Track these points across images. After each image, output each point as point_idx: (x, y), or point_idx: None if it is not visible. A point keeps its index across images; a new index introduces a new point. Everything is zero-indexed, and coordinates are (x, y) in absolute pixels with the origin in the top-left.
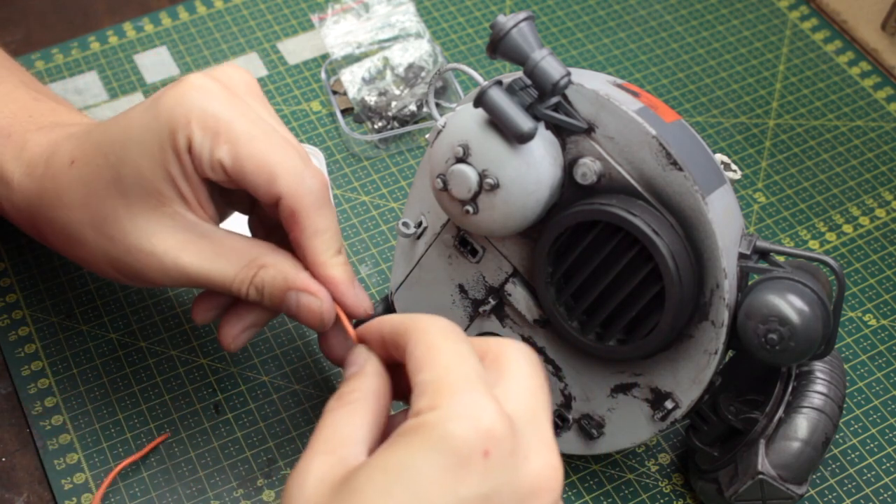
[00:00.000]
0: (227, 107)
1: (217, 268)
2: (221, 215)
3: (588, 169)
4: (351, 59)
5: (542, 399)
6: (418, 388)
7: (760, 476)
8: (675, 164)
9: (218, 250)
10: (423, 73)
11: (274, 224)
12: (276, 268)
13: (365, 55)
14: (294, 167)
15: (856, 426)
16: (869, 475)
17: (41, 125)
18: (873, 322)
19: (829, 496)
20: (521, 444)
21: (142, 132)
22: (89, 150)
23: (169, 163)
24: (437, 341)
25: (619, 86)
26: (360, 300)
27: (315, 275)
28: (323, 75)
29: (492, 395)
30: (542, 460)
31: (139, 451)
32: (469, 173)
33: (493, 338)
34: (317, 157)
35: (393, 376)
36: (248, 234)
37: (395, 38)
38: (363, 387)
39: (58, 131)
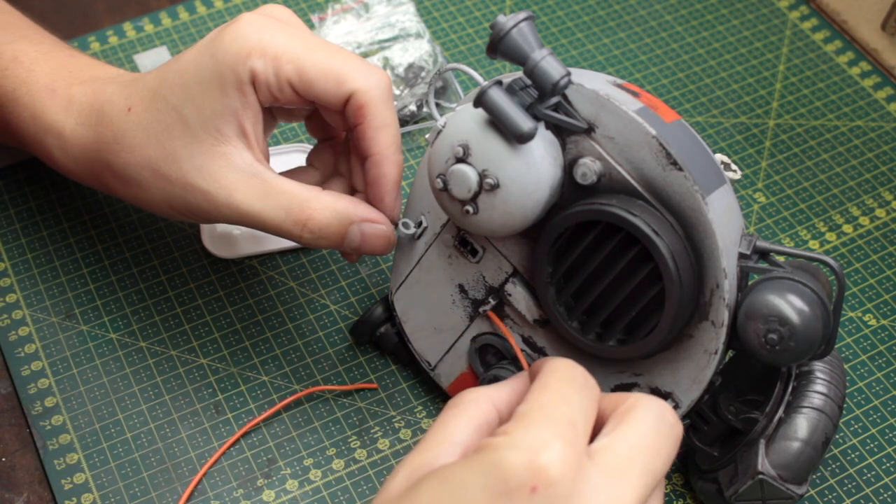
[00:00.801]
0: (282, 33)
1: (268, 208)
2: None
3: (588, 169)
4: None
5: (645, 461)
6: (512, 418)
7: (760, 476)
8: (675, 164)
9: (270, 191)
10: (423, 73)
11: (328, 136)
12: (331, 208)
13: (365, 55)
14: (359, 65)
15: (856, 426)
16: (869, 475)
17: (82, 79)
18: (873, 322)
19: (829, 496)
20: (583, 494)
21: (201, 73)
22: (146, 96)
23: (231, 98)
24: (552, 382)
25: (619, 86)
26: (393, 205)
27: (376, 169)
28: None
29: (569, 440)
30: None
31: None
32: (469, 173)
33: (636, 393)
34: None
35: None
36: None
37: (395, 38)
38: (482, 392)
39: (100, 83)
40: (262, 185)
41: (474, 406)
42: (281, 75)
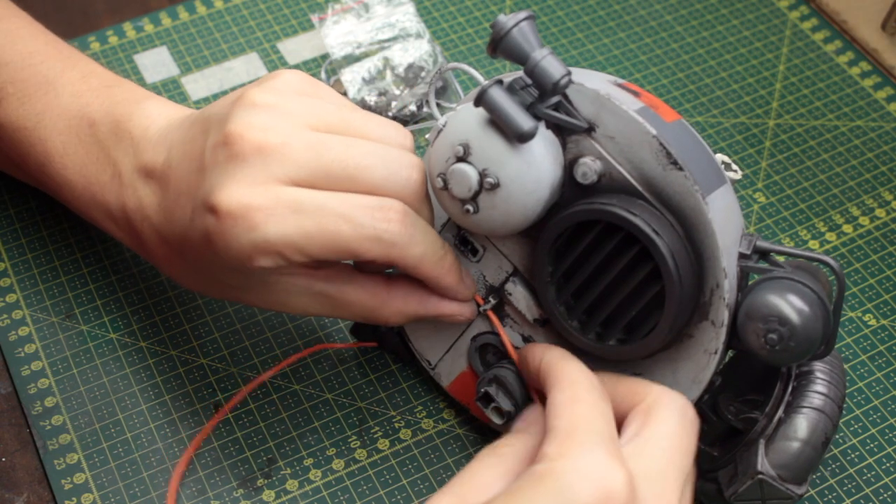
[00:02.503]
0: (273, 223)
1: (345, 314)
2: None
3: (588, 168)
4: (351, 60)
5: (678, 462)
6: (552, 434)
7: (760, 476)
8: (675, 163)
9: (340, 304)
10: (423, 73)
11: None
12: (400, 316)
13: (365, 55)
14: (364, 236)
15: (856, 426)
16: (869, 475)
17: (109, 173)
18: (873, 322)
19: (829, 496)
20: None
21: (212, 260)
22: (171, 246)
23: (252, 273)
24: (580, 393)
25: (620, 85)
26: (467, 289)
27: (435, 286)
28: (323, 75)
29: (620, 457)
30: None
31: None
32: (469, 172)
33: (654, 385)
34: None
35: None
36: None
37: (395, 38)
38: (518, 444)
39: (121, 190)
40: (329, 301)
41: (511, 459)
42: (294, 263)
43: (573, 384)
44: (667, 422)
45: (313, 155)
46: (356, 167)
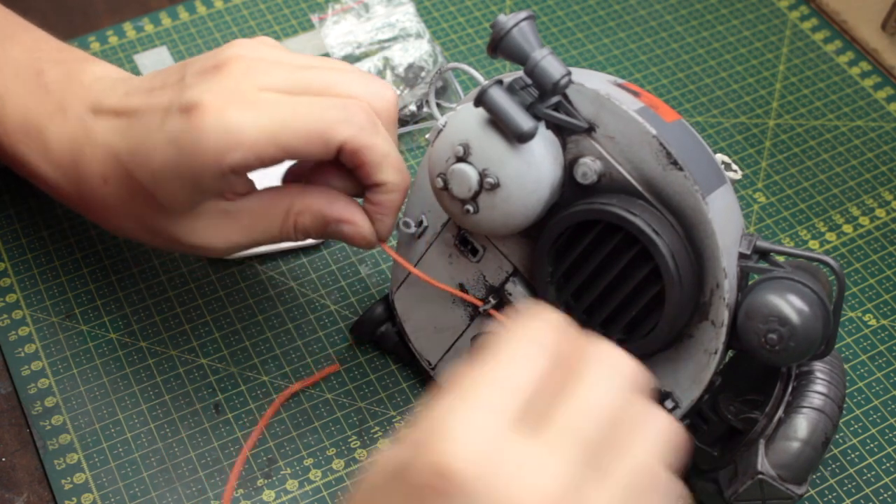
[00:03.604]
0: (250, 109)
1: (262, 230)
2: None
3: (588, 168)
4: (351, 60)
5: (586, 431)
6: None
7: (760, 476)
8: (675, 163)
9: (256, 217)
10: (423, 73)
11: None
12: (309, 210)
13: (365, 55)
14: (340, 110)
15: (856, 426)
16: (869, 475)
17: (50, 110)
18: (873, 322)
19: (829, 496)
20: (500, 472)
21: (171, 169)
22: (119, 172)
23: (209, 189)
24: (489, 355)
25: (620, 85)
26: (390, 228)
27: (383, 195)
28: None
29: (485, 428)
30: (525, 488)
31: (310, 378)
32: (469, 172)
33: (590, 341)
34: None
35: None
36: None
37: (395, 38)
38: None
39: (69, 127)
40: (249, 216)
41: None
42: (263, 157)
43: (499, 344)
44: (594, 387)
45: (293, 72)
46: (335, 82)
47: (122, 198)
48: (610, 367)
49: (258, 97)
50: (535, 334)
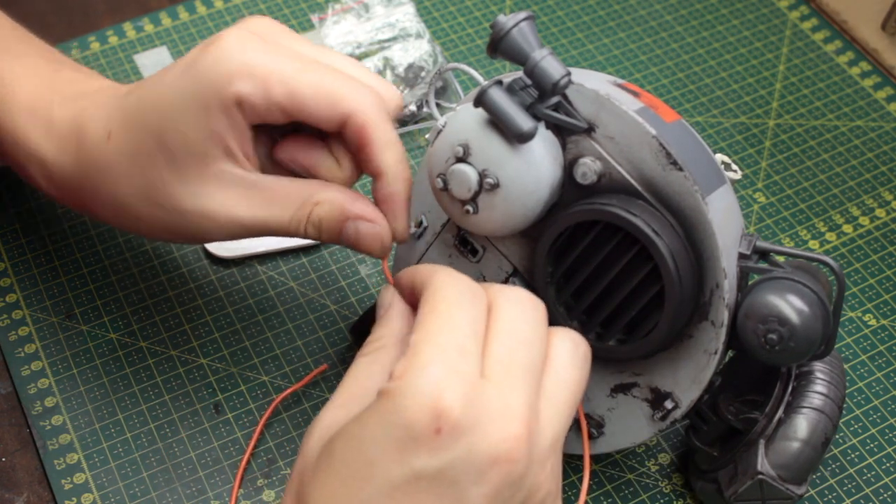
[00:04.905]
0: (269, 52)
1: (272, 214)
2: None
3: (588, 169)
4: None
5: (521, 360)
6: (407, 350)
7: (760, 476)
8: (675, 164)
9: (270, 197)
10: (423, 73)
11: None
12: (330, 202)
13: (365, 55)
14: (353, 85)
15: (856, 426)
16: (869, 475)
17: (64, 97)
18: (873, 322)
19: (829, 496)
20: (480, 416)
21: (182, 97)
22: (125, 122)
23: (215, 122)
24: (440, 305)
25: (620, 86)
26: (404, 221)
27: (387, 188)
28: None
29: (459, 370)
30: (501, 433)
31: (299, 382)
32: (469, 173)
33: (494, 286)
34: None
35: None
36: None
37: (395, 38)
38: (385, 333)
39: (81, 101)
40: (262, 194)
41: (384, 353)
42: (270, 98)
43: (437, 292)
44: (506, 319)
45: (312, 49)
46: (346, 67)
47: (125, 152)
48: (518, 302)
49: (279, 45)
50: (464, 284)
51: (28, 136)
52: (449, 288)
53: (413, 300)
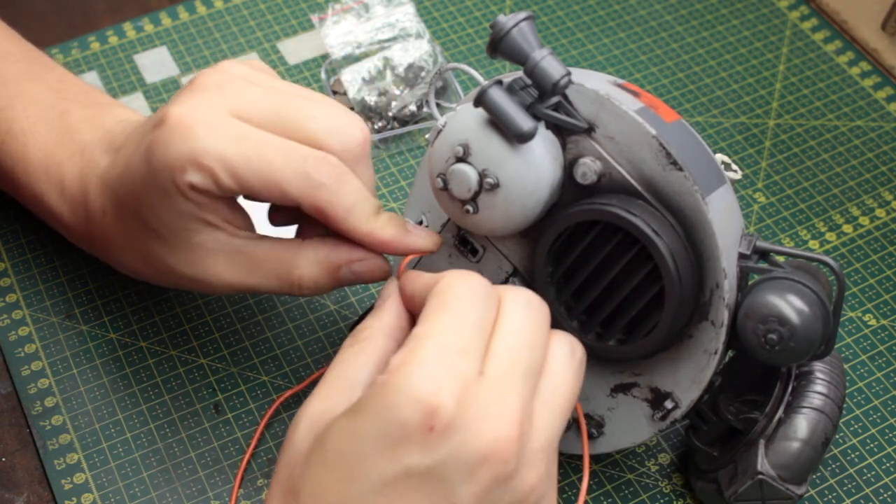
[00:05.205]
0: (210, 134)
1: (261, 280)
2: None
3: (588, 169)
4: (351, 60)
5: (522, 361)
6: (407, 340)
7: (760, 476)
8: (675, 164)
9: (254, 263)
10: (423, 73)
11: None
12: (311, 265)
13: (365, 55)
14: (295, 171)
15: (856, 426)
16: (869, 475)
17: (71, 151)
18: (873, 322)
19: (829, 496)
20: (474, 415)
21: (145, 185)
22: (112, 201)
23: (181, 204)
24: (450, 300)
25: (620, 86)
26: (423, 240)
27: (368, 244)
28: (323, 75)
29: (457, 370)
30: (493, 432)
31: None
32: (469, 173)
33: (501, 286)
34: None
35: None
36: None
37: (395, 38)
38: (375, 325)
39: (83, 164)
40: (245, 260)
41: (372, 344)
42: (222, 186)
43: (446, 289)
44: (510, 321)
45: (267, 96)
46: (305, 116)
47: (119, 229)
48: (526, 303)
49: (228, 123)
50: (475, 281)
51: (45, 196)
52: (461, 284)
53: (412, 305)
